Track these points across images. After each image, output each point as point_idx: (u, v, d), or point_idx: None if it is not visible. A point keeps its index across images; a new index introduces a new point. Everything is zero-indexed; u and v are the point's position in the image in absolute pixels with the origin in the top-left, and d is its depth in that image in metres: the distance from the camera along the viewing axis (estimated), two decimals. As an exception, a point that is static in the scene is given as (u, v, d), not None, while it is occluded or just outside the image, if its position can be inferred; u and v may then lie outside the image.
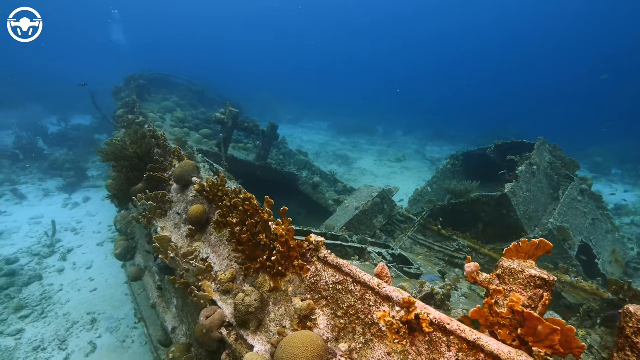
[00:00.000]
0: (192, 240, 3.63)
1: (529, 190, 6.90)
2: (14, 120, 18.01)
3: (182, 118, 12.02)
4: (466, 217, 7.23)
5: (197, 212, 3.46)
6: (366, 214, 7.03)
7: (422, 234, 7.24)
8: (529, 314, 1.57)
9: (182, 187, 4.35)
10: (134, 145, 4.51)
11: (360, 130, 23.58)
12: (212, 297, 2.85)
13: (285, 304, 2.51)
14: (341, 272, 2.33)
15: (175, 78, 17.42)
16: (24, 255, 7.90)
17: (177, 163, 4.80)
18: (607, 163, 16.15)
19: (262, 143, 10.08)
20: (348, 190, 10.05)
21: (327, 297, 2.33)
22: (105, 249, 8.35)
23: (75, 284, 7.14)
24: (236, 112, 9.25)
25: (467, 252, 6.34)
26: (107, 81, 26.58)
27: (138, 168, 4.64)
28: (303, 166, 12.03)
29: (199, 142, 10.09)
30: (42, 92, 23.95)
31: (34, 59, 36.11)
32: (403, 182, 13.97)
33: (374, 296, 2.12)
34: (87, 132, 17.77)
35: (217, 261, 3.22)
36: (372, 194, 7.26)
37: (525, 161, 7.11)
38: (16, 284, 6.93)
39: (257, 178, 9.53)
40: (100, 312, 6.45)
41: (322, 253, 2.47)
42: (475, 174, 9.73)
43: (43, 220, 9.57)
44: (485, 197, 6.75)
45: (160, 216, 4.24)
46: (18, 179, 12.26)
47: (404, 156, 17.26)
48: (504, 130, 21.60)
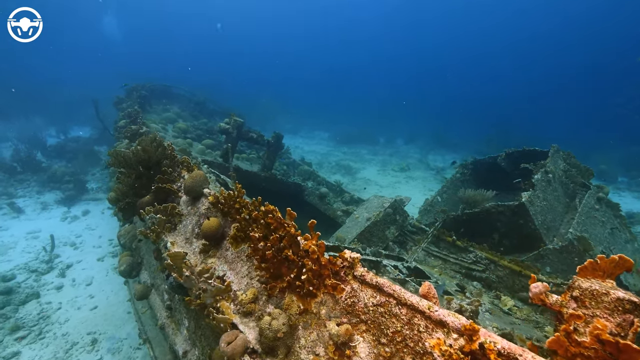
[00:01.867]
0: (206, 256, 3.39)
1: (545, 199, 6.71)
2: (13, 133, 17.78)
3: (185, 129, 11.84)
4: (481, 227, 7.01)
5: (212, 226, 3.22)
6: (378, 225, 6.80)
7: (435, 245, 6.99)
8: (626, 346, 1.34)
9: (192, 199, 4.12)
10: (145, 152, 4.29)
11: (361, 139, 23.48)
12: (233, 320, 2.59)
13: (317, 328, 2.26)
14: (382, 292, 2.09)
15: (175, 89, 17.34)
16: (21, 272, 7.58)
17: (185, 174, 4.58)
18: (612, 171, 16.03)
19: (267, 153, 9.88)
20: (355, 201, 9.82)
21: (367, 321, 2.09)
22: (106, 264, 8.04)
23: (75, 302, 6.81)
24: (241, 121, 9.07)
25: (484, 264, 6.08)
26: (104, 90, 26.56)
27: (146, 178, 4.41)
28: (307, 176, 11.83)
29: (202, 153, 9.88)
30: (40, 103, 23.77)
31: (30, 65, 36.11)
32: (409, 191, 13.76)
33: (423, 320, 1.88)
34: (86, 143, 17.55)
35: (235, 279, 2.98)
36: (384, 204, 7.04)
37: (541, 169, 6.93)
38: (12, 303, 6.59)
39: (262, 189, 9.30)
40: (101, 331, 6.12)
41: (358, 271, 2.24)
42: (485, 183, 9.55)
43: (41, 235, 9.25)
44: (501, 207, 6.55)
45: (170, 230, 3.99)
46: (15, 192, 11.96)
47: (407, 165, 17.10)
48: (505, 139, 21.56)
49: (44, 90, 27.28)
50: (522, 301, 5.51)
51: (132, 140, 7.24)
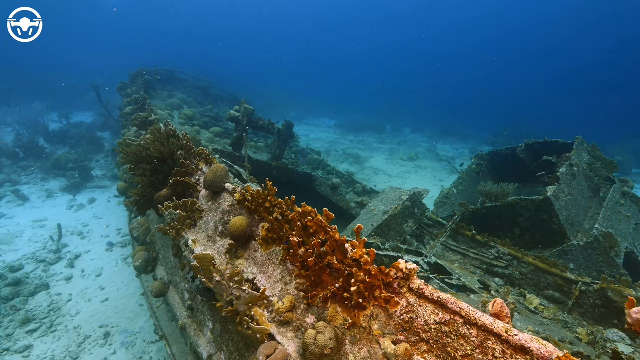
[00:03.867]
0: (232, 257, 3.18)
1: (570, 193, 6.48)
2: (14, 118, 17.43)
3: (191, 115, 11.52)
4: (501, 221, 6.81)
5: (241, 225, 3.00)
6: (396, 218, 6.59)
7: (454, 239, 6.81)
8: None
9: (212, 193, 3.89)
10: (158, 145, 4.04)
11: (368, 127, 23.08)
12: (270, 330, 2.40)
13: (368, 344, 2.07)
14: (446, 309, 1.88)
15: (179, 73, 16.87)
16: (29, 262, 7.43)
17: (203, 166, 4.34)
18: (627, 163, 15.72)
19: (278, 142, 9.61)
20: (368, 192, 9.60)
21: (428, 341, 1.89)
22: (115, 255, 7.89)
23: (85, 294, 6.67)
24: (251, 109, 8.77)
25: (507, 260, 5.90)
26: (104, 75, 25.95)
27: (161, 172, 4.17)
28: (317, 165, 11.56)
29: (211, 141, 9.60)
30: (41, 88, 23.30)
31: (31, 51, 35.38)
32: (419, 182, 13.52)
33: (499, 345, 1.68)
34: (88, 129, 17.23)
35: (268, 284, 2.78)
36: (402, 197, 6.81)
37: (565, 162, 6.67)
38: (22, 294, 6.46)
39: (272, 178, 9.06)
40: (113, 324, 6.00)
41: (414, 283, 2.03)
42: (502, 175, 9.31)
43: (47, 223, 9.08)
44: (524, 201, 6.32)
45: (190, 227, 3.78)
46: (19, 179, 11.74)
47: (416, 155, 16.77)
48: (515, 129, 21.18)
49: (45, 75, 26.75)
50: (547, 299, 5.36)
51: (141, 128, 6.97)
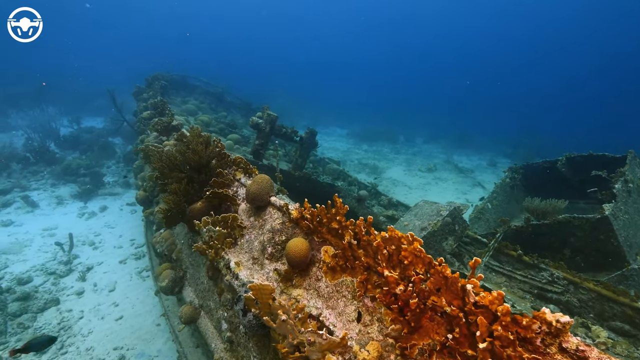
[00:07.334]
0: (287, 285, 2.70)
1: (627, 212, 5.95)
2: (24, 122, 17.21)
3: (207, 122, 11.16)
4: (550, 241, 6.28)
5: (302, 249, 2.53)
6: (435, 235, 6.05)
7: (496, 258, 6.28)
8: None
9: (255, 208, 3.43)
10: (201, 149, 3.60)
11: (381, 137, 22.63)
12: (354, 389, 1.90)
13: (501, 421, 1.56)
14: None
15: (192, 79, 16.63)
16: (38, 274, 6.97)
17: (241, 177, 3.89)
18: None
19: (300, 150, 9.17)
20: (394, 204, 9.10)
21: None
22: (129, 267, 7.41)
23: (98, 311, 6.18)
24: (275, 116, 8.36)
25: (563, 284, 5.35)
26: (116, 80, 25.85)
27: (197, 181, 3.72)
28: (337, 176, 11.11)
29: (231, 149, 9.20)
30: (52, 92, 23.19)
31: (37, 56, 35.63)
32: (440, 194, 13.00)
33: None
34: (100, 134, 16.94)
35: (339, 323, 2.28)
36: (441, 212, 6.29)
37: (620, 177, 6.16)
38: (30, 310, 5.99)
39: (295, 190, 8.59)
40: (128, 346, 5.49)
41: (570, 342, 1.53)
42: (537, 189, 8.78)
43: (57, 232, 8.65)
44: (578, 220, 5.80)
45: (230, 245, 3.31)
46: (29, 184, 11.37)
47: (434, 166, 16.26)
48: (534, 138, 20.62)
49: (55, 80, 26.70)
50: (614, 332, 4.79)
51: (163, 134, 6.56)
